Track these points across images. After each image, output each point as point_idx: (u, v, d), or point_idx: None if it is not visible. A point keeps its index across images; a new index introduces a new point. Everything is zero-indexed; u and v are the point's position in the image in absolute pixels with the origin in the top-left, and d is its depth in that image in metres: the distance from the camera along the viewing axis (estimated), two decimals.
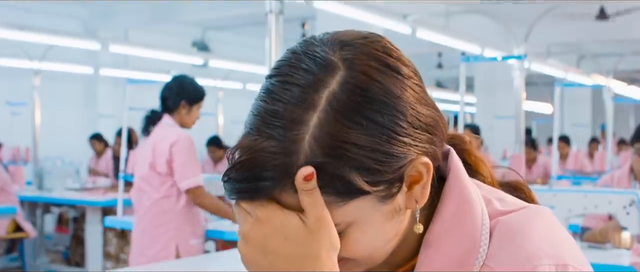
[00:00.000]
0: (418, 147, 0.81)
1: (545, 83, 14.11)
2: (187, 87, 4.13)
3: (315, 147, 0.76)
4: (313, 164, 0.76)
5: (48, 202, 7.31)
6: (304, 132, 0.77)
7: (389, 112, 0.79)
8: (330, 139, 0.77)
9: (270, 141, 0.77)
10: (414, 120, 0.81)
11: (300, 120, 0.77)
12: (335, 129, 0.77)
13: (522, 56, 6.21)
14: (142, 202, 4.10)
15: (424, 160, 0.82)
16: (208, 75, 10.95)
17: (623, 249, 3.61)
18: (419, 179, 0.83)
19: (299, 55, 0.81)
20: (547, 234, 0.84)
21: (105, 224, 5.42)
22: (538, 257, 0.80)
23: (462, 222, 0.85)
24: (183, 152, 3.97)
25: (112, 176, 7.50)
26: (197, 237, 4.12)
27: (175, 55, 9.55)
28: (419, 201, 0.84)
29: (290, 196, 0.78)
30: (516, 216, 0.86)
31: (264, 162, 0.77)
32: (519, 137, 6.19)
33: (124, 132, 5.45)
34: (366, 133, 0.77)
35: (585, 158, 10.50)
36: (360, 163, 0.77)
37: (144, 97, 6.56)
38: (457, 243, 0.84)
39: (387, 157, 0.79)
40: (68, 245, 7.31)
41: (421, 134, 0.82)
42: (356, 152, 0.77)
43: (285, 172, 0.77)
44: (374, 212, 0.81)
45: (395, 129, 0.79)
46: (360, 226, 0.81)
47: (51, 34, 7.49)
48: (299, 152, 0.76)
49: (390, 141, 0.79)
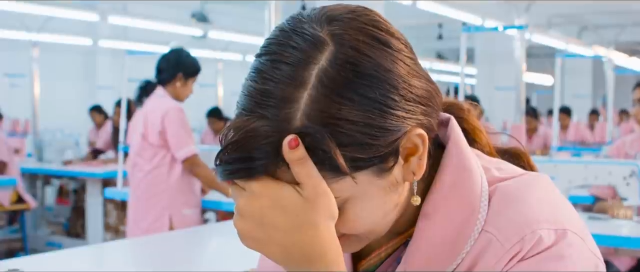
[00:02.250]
0: (412, 120, 0.81)
1: (546, 54, 14.06)
2: (185, 60, 4.13)
3: (308, 124, 0.76)
4: (306, 143, 0.76)
5: (48, 174, 7.32)
6: (295, 110, 0.76)
7: (380, 86, 0.78)
8: (322, 115, 0.76)
9: (262, 120, 0.77)
10: (406, 93, 0.80)
11: (292, 98, 0.77)
12: (326, 105, 0.76)
13: (523, 27, 6.18)
14: (135, 174, 4.12)
15: (418, 132, 0.81)
16: (207, 46, 10.93)
17: (623, 220, 3.62)
18: (415, 151, 0.82)
19: (288, 33, 0.81)
20: (545, 200, 0.84)
21: (105, 196, 5.43)
22: (537, 221, 0.81)
23: (461, 189, 0.85)
24: (175, 122, 3.98)
25: (111, 146, 7.48)
26: (191, 207, 4.13)
27: (174, 26, 9.52)
28: (416, 172, 0.83)
29: (286, 174, 0.77)
30: (514, 182, 0.86)
31: (257, 141, 0.76)
32: (520, 108, 6.18)
33: (124, 103, 5.43)
34: (358, 108, 0.77)
35: (586, 129, 10.51)
36: (354, 138, 0.77)
37: (143, 69, 6.53)
38: (456, 210, 0.84)
39: (381, 132, 0.78)
40: (68, 216, 7.33)
41: (415, 107, 0.81)
42: (349, 128, 0.77)
43: (277, 152, 0.76)
44: (371, 187, 0.81)
45: (388, 102, 0.79)
46: (358, 201, 0.81)
47: (49, 5, 7.45)
48: (290, 130, 0.76)
49: (383, 115, 0.78)
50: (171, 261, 2.87)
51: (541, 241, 0.79)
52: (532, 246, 0.79)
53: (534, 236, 0.80)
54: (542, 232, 0.80)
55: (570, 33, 12.30)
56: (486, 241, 0.82)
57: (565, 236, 0.81)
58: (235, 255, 2.73)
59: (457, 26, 6.53)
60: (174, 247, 3.17)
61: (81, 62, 11.84)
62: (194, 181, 4.15)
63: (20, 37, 8.77)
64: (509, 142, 1.04)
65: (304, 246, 0.78)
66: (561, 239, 0.80)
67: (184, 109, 4.09)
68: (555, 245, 0.80)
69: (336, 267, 0.80)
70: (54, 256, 2.99)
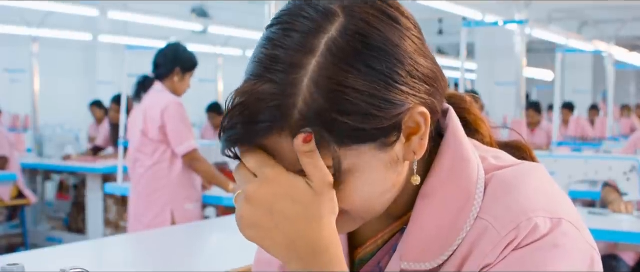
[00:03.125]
0: (416, 97, 0.82)
1: (546, 49, 14.05)
2: (182, 54, 4.13)
3: (314, 90, 0.77)
4: (311, 108, 0.77)
5: (48, 169, 7.32)
6: (302, 76, 0.77)
7: (387, 59, 0.80)
8: (328, 82, 0.77)
9: (269, 83, 0.77)
10: (412, 70, 0.82)
11: (300, 64, 0.78)
12: (333, 72, 0.77)
13: (524, 21, 6.17)
14: (136, 169, 4.12)
15: (421, 109, 0.82)
16: (207, 41, 10.92)
17: (623, 215, 3.62)
18: (417, 130, 0.83)
19: (300, 3, 0.83)
20: (541, 189, 0.85)
21: (105, 191, 5.43)
22: (532, 209, 0.81)
23: (458, 176, 0.86)
24: (175, 117, 3.98)
25: (110, 143, 7.47)
26: (192, 201, 4.14)
27: (174, 21, 9.50)
28: (416, 152, 0.84)
29: (287, 142, 0.78)
30: (511, 170, 0.87)
31: (263, 103, 0.77)
32: (520, 103, 6.18)
33: (123, 98, 5.43)
34: (364, 78, 0.78)
35: (587, 124, 10.51)
36: (359, 108, 0.78)
37: (143, 64, 6.51)
38: (452, 196, 0.85)
39: (385, 104, 0.79)
40: (69, 212, 7.33)
41: (419, 85, 0.82)
42: (354, 96, 0.77)
43: (282, 114, 0.77)
44: (372, 160, 0.81)
45: (393, 76, 0.80)
46: (358, 174, 0.81)
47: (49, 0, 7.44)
48: (297, 95, 0.77)
49: (388, 88, 0.79)
50: (171, 256, 2.88)
51: (536, 229, 0.80)
52: (527, 233, 0.80)
53: (529, 223, 0.80)
54: (537, 220, 0.80)
55: (571, 28, 12.28)
56: (482, 227, 0.82)
57: (560, 224, 0.81)
58: (235, 250, 2.73)
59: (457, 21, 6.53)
60: (173, 242, 3.17)
61: (81, 57, 11.83)
62: (195, 175, 4.16)
63: (20, 32, 8.75)
64: (509, 136, 1.04)
65: (309, 238, 0.79)
66: (556, 228, 0.81)
67: (184, 103, 4.09)
68: (550, 233, 0.80)
69: (338, 262, 0.80)
70: (54, 251, 2.99)
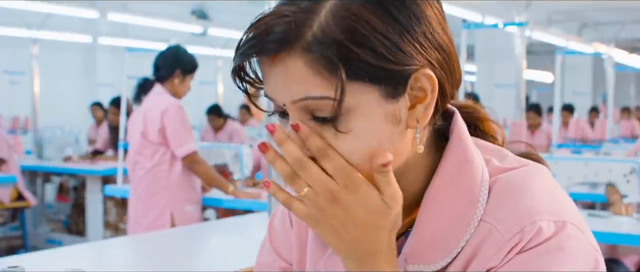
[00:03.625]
0: (427, 60, 0.83)
1: (546, 51, 14.05)
2: (182, 56, 4.12)
3: (330, 18, 0.80)
4: (325, 33, 0.79)
5: (48, 172, 7.31)
6: (322, 5, 0.81)
7: (407, 13, 0.82)
8: (346, 14, 0.80)
9: (292, 6, 0.81)
10: (427, 33, 0.83)
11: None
12: (352, 7, 0.80)
13: (524, 23, 6.17)
14: (136, 172, 4.11)
15: (429, 72, 0.83)
16: (207, 43, 10.91)
17: (623, 217, 3.62)
18: (423, 98, 0.85)
19: None
20: (545, 191, 0.85)
21: (105, 193, 5.42)
22: (537, 212, 0.82)
23: (462, 179, 0.87)
24: (175, 119, 3.98)
25: (109, 145, 7.47)
26: (192, 203, 4.13)
27: (174, 23, 9.50)
28: (420, 120, 0.85)
29: (295, 61, 0.80)
30: (515, 173, 0.87)
31: (279, 19, 0.80)
32: (520, 105, 6.17)
33: (123, 101, 5.44)
34: (380, 19, 0.80)
35: (587, 126, 10.50)
36: (370, 43, 0.80)
37: (143, 66, 6.51)
38: (456, 199, 0.86)
39: (396, 49, 0.81)
40: (69, 214, 7.33)
41: (432, 50, 0.84)
42: (368, 31, 0.80)
43: (296, 32, 0.80)
44: (373, 105, 0.82)
45: (409, 29, 0.82)
46: (361, 116, 0.82)
47: (49, 1, 7.44)
48: (314, 20, 0.80)
49: (402, 37, 0.81)
50: (171, 258, 2.87)
51: (541, 232, 0.81)
52: (531, 236, 0.81)
53: (533, 226, 0.81)
54: (542, 224, 0.81)
55: (571, 30, 12.28)
56: (486, 231, 0.83)
57: (565, 227, 0.82)
58: (236, 253, 2.73)
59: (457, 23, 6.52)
60: (173, 245, 3.17)
61: (81, 59, 11.83)
62: (194, 177, 4.15)
63: (20, 35, 8.75)
64: (517, 146, 1.04)
65: (372, 245, 0.84)
66: (561, 231, 0.81)
67: (184, 106, 4.08)
68: (554, 236, 0.81)
69: (392, 267, 0.85)
70: (54, 253, 2.99)
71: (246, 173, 4.64)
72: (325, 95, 0.80)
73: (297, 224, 1.04)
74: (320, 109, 0.81)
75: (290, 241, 1.05)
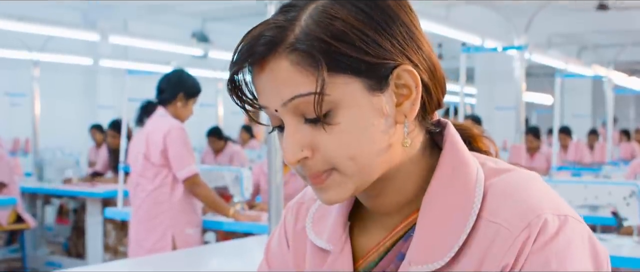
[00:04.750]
0: (407, 59, 0.88)
1: (546, 74, 14.09)
2: (186, 80, 4.13)
3: (310, 20, 0.86)
4: (304, 32, 0.85)
5: (48, 194, 7.30)
6: (304, 13, 0.87)
7: (380, 12, 0.87)
8: (323, 14, 0.86)
9: (279, 16, 0.88)
10: (403, 32, 0.88)
11: (306, 6, 0.87)
12: (329, 9, 0.86)
13: (523, 47, 6.19)
14: (137, 194, 4.11)
15: (410, 68, 0.88)
16: (208, 66, 10.95)
17: (625, 240, 3.61)
18: (408, 96, 0.88)
19: None
20: (543, 190, 0.89)
21: (105, 215, 5.41)
22: (540, 208, 0.84)
23: (458, 179, 0.89)
24: (177, 141, 3.98)
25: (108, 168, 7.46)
26: (193, 226, 4.12)
27: (174, 46, 9.54)
28: (408, 115, 0.89)
29: (281, 65, 0.85)
30: (511, 175, 0.90)
31: (266, 26, 0.86)
32: (520, 128, 6.18)
33: (124, 122, 5.44)
34: (357, 18, 0.86)
35: (586, 149, 10.50)
36: (348, 37, 0.84)
37: (143, 88, 6.54)
38: (453, 197, 0.88)
39: (373, 43, 0.86)
40: (68, 236, 7.31)
41: (410, 50, 0.89)
42: (345, 26, 0.85)
43: (281, 37, 0.85)
44: (360, 97, 0.85)
45: (384, 27, 0.87)
46: (347, 108, 0.85)
47: (50, 24, 7.47)
48: (296, 25, 0.86)
49: (378, 33, 0.86)
50: None
51: (547, 225, 0.83)
52: (539, 230, 0.83)
53: (539, 220, 0.83)
54: (547, 216, 0.83)
55: (570, 53, 12.32)
56: (494, 231, 0.85)
57: (567, 221, 0.85)
58: None
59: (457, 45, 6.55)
60: (174, 268, 3.16)
61: (82, 81, 11.86)
62: (196, 200, 4.15)
63: (22, 57, 8.78)
64: (508, 160, 1.07)
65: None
66: (564, 225, 0.84)
67: (185, 128, 4.09)
68: (560, 231, 0.83)
69: None
70: None
71: (246, 196, 4.64)
72: (312, 91, 0.84)
73: (294, 246, 1.05)
74: (309, 109, 0.85)
75: (287, 262, 1.06)
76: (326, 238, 0.98)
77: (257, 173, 5.23)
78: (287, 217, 1.08)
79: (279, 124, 0.89)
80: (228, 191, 4.65)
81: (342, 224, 0.98)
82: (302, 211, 1.06)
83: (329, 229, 0.99)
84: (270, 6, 3.08)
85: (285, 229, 1.08)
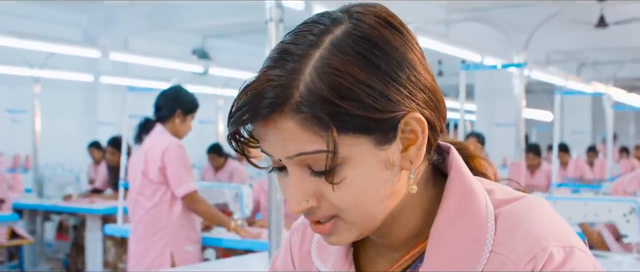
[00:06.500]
0: (414, 103, 0.86)
1: (545, 91, 14.11)
2: (183, 96, 4.14)
3: (315, 75, 0.82)
4: (311, 91, 0.81)
5: (48, 210, 7.30)
6: (306, 65, 0.83)
7: (388, 60, 0.84)
8: (329, 70, 0.82)
9: (277, 70, 0.83)
10: (411, 76, 0.86)
11: (306, 55, 0.83)
12: (334, 61, 0.82)
13: (522, 64, 6.21)
14: (136, 211, 4.11)
15: (418, 116, 0.85)
16: (208, 83, 10.96)
17: (625, 256, 3.61)
18: (414, 140, 0.87)
19: (313, 17, 0.89)
20: (549, 219, 0.88)
21: (105, 232, 5.41)
22: (546, 239, 0.84)
23: (467, 211, 0.88)
24: (175, 159, 3.98)
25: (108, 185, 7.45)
26: (192, 243, 4.12)
27: (175, 63, 9.54)
28: (413, 161, 0.87)
29: (288, 123, 0.82)
30: (518, 204, 0.89)
31: (268, 84, 0.82)
32: (519, 144, 6.18)
33: (124, 139, 5.45)
34: (363, 70, 0.82)
35: (586, 166, 10.50)
36: (356, 95, 0.82)
37: (144, 105, 6.54)
38: (464, 231, 0.88)
39: (382, 98, 0.83)
40: (68, 253, 7.30)
41: (417, 92, 0.86)
42: (352, 83, 0.82)
43: (284, 94, 0.81)
44: (367, 155, 0.84)
45: (392, 76, 0.84)
46: (353, 167, 0.84)
47: (51, 41, 7.48)
48: (299, 80, 0.82)
49: (387, 85, 0.83)
50: None
51: (552, 258, 0.83)
52: (544, 262, 0.83)
53: (545, 253, 0.83)
54: (552, 249, 0.83)
55: (569, 69, 12.34)
56: (500, 262, 0.85)
57: (573, 253, 0.85)
58: None
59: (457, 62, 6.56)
60: None
61: (82, 98, 11.87)
62: (195, 216, 4.15)
63: (23, 73, 8.79)
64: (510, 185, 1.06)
65: None
66: (570, 257, 0.84)
67: (184, 145, 4.09)
68: (567, 263, 0.83)
69: None
70: None
71: (246, 213, 4.64)
72: (319, 149, 0.82)
73: (300, 267, 1.05)
74: (316, 162, 0.83)
75: None
76: (331, 266, 0.98)
77: (258, 190, 5.23)
78: (293, 239, 1.08)
79: (280, 166, 0.88)
80: (228, 207, 4.65)
81: (346, 252, 0.98)
82: (307, 234, 1.05)
83: (333, 256, 0.99)
84: (270, 23, 3.08)
85: (291, 251, 1.08)
